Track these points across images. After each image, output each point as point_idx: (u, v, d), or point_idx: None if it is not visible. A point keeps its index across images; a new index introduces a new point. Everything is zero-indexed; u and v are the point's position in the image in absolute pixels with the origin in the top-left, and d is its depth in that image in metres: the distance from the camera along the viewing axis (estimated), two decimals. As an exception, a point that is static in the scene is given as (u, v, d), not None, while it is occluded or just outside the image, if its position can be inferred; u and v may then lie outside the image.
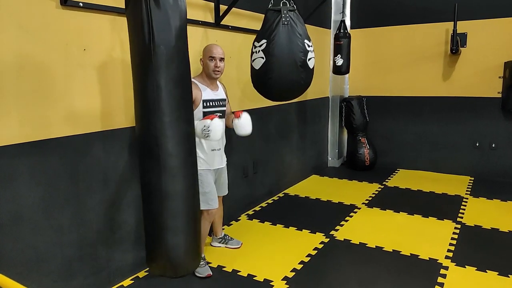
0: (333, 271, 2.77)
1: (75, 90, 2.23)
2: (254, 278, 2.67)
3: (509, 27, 4.59)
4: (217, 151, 2.74)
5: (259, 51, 2.76)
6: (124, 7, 1.76)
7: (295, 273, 2.72)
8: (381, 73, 5.44)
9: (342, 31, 4.48)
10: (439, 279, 2.62)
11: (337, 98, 5.54)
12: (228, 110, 2.87)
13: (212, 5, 3.17)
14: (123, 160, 2.55)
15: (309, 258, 2.94)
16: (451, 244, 3.14)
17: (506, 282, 2.59)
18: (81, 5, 2.18)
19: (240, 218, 3.72)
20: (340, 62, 4.44)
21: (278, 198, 4.32)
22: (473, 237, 3.28)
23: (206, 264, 2.75)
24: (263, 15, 2.78)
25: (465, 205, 4.01)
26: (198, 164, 2.50)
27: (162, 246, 1.79)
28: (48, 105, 2.10)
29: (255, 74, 2.79)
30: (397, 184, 4.77)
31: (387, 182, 4.86)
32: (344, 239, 3.25)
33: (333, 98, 5.58)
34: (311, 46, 2.91)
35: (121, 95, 2.48)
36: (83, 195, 2.34)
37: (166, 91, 1.70)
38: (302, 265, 2.83)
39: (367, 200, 4.21)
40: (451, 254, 2.97)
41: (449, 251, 3.01)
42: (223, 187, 2.96)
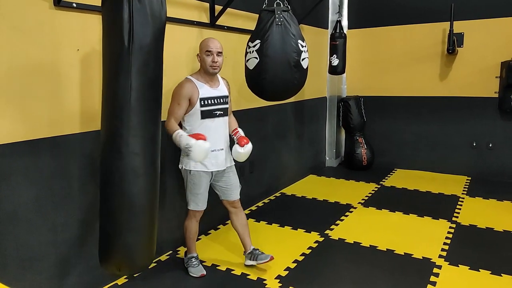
0: (326, 270, 2.79)
1: (69, 90, 2.25)
2: (247, 276, 2.68)
3: (505, 27, 4.59)
4: (218, 152, 2.58)
5: (253, 51, 2.77)
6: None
7: (288, 272, 2.74)
8: (378, 73, 5.45)
9: (338, 31, 4.50)
10: (432, 278, 2.63)
11: (334, 98, 5.56)
12: (229, 109, 2.74)
13: (207, 5, 3.19)
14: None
15: (303, 257, 2.95)
16: (445, 243, 3.15)
17: (498, 281, 2.60)
18: (75, 6, 2.20)
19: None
20: (335, 62, 4.45)
21: (274, 197, 4.33)
22: (467, 237, 3.29)
23: (199, 263, 2.75)
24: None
25: (461, 205, 4.02)
26: (192, 164, 2.53)
27: (120, 244, 1.81)
28: (41, 104, 2.12)
29: (249, 74, 2.80)
30: (394, 184, 4.79)
31: (384, 182, 4.87)
32: (338, 238, 3.26)
33: (330, 98, 5.59)
34: (305, 46, 2.92)
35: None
36: (77, 195, 2.36)
37: (139, 93, 1.73)
38: (296, 264, 2.84)
39: (363, 199, 4.22)
40: (444, 253, 2.98)
41: (443, 250, 3.03)
42: (228, 191, 2.71)
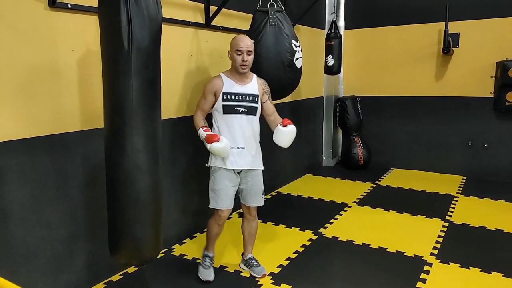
0: (318, 267, 2.82)
1: (64, 89, 2.29)
2: (240, 273, 2.72)
3: (500, 27, 4.62)
4: (238, 150, 2.46)
5: (247, 52, 2.81)
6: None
7: (281, 269, 2.77)
8: (375, 73, 5.48)
9: (333, 31, 4.53)
10: (422, 275, 2.66)
11: (331, 98, 5.59)
12: (268, 109, 2.63)
13: (202, 6, 3.23)
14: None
15: (296, 254, 2.99)
16: (437, 241, 3.18)
17: (487, 278, 2.64)
18: (69, 7, 2.24)
19: (231, 216, 3.77)
20: (331, 62, 4.49)
21: (270, 196, 4.37)
22: (459, 235, 3.33)
23: (211, 266, 2.65)
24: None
25: (455, 204, 4.05)
26: (212, 159, 2.51)
27: (129, 236, 1.88)
28: (37, 103, 2.16)
29: (243, 74, 2.84)
30: (390, 183, 4.82)
31: (380, 181, 4.91)
32: (332, 237, 3.30)
33: (327, 98, 5.62)
34: (299, 46, 2.96)
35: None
36: (71, 192, 2.39)
37: (140, 93, 1.78)
38: (288, 261, 2.88)
39: (358, 199, 4.26)
40: (436, 251, 3.01)
41: (434, 248, 3.06)
42: (246, 195, 2.59)
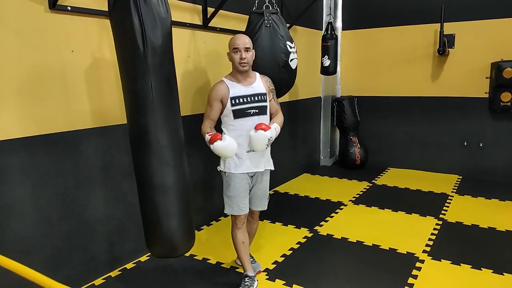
0: (312, 263, 2.88)
1: (64, 89, 2.35)
2: (236, 269, 2.79)
3: (495, 28, 4.67)
4: (252, 153, 2.43)
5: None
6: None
7: (276, 265, 2.84)
8: (372, 74, 5.54)
9: (329, 32, 4.59)
10: (414, 272, 2.72)
11: (329, 98, 5.65)
12: (271, 108, 2.53)
13: (199, 7, 3.29)
14: (111, 156, 2.67)
15: (291, 251, 3.05)
16: (430, 239, 3.24)
17: (477, 274, 2.70)
18: (69, 9, 2.30)
19: (225, 211, 3.82)
20: (327, 63, 4.55)
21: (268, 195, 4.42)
22: (452, 233, 3.38)
23: (252, 284, 2.50)
24: (249, 17, 2.89)
25: (449, 203, 4.11)
26: (226, 165, 2.45)
27: (161, 230, 1.97)
28: (38, 103, 2.23)
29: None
30: (386, 182, 4.88)
31: (376, 180, 4.96)
32: (327, 234, 3.36)
33: (325, 98, 5.68)
34: (294, 47, 3.02)
35: (109, 94, 2.60)
36: (71, 190, 2.46)
37: (159, 91, 1.87)
38: (283, 258, 2.94)
39: (354, 197, 4.32)
40: (428, 248, 3.07)
41: (427, 245, 3.12)
42: (257, 199, 2.58)
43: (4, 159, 2.12)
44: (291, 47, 2.97)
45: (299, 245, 3.16)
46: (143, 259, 2.93)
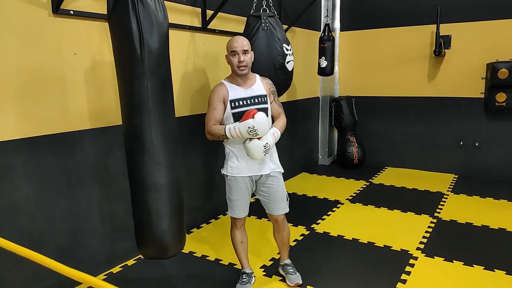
0: (308, 260, 2.95)
1: (66, 91, 2.43)
2: (234, 266, 2.86)
3: (491, 29, 4.74)
4: None
5: (240, 55, 2.94)
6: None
7: (273, 262, 2.91)
8: (369, 74, 5.61)
9: (326, 34, 4.66)
10: (407, 268, 2.80)
11: (327, 98, 5.72)
12: (274, 111, 2.49)
13: (199, 10, 3.36)
14: (112, 155, 2.75)
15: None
16: (424, 237, 3.31)
17: (469, 271, 2.77)
18: (72, 13, 2.38)
19: (227, 212, 3.90)
20: (324, 64, 4.62)
21: (266, 194, 4.49)
22: (446, 231, 3.45)
23: (249, 281, 2.56)
24: (247, 20, 2.96)
25: (445, 201, 4.18)
26: (228, 169, 2.46)
27: (152, 231, 1.99)
28: (41, 104, 2.30)
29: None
30: (383, 181, 4.95)
31: (373, 179, 5.04)
32: (323, 232, 3.43)
33: (323, 98, 5.76)
34: (290, 50, 3.09)
35: (110, 96, 2.68)
36: (74, 188, 2.54)
37: (155, 92, 1.91)
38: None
39: (351, 196, 4.39)
40: (422, 246, 3.14)
41: (421, 243, 3.19)
42: (269, 203, 2.51)
43: (9, 158, 2.19)
44: (287, 50, 3.05)
45: (296, 243, 3.23)
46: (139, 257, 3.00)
